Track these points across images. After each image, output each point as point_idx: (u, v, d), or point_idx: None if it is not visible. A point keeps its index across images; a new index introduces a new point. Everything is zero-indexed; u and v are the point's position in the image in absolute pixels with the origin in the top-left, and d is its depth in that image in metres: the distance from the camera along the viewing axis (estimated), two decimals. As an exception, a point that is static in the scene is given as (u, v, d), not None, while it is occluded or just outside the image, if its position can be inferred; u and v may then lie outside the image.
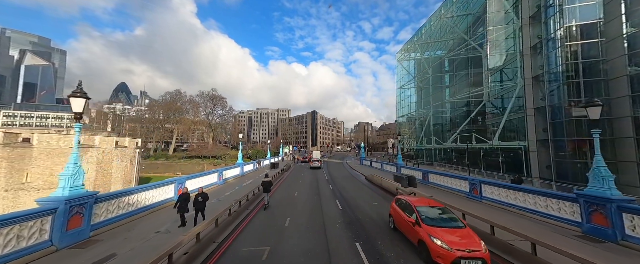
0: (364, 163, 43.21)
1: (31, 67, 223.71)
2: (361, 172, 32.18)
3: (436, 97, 49.00)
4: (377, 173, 28.97)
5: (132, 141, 40.54)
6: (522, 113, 28.40)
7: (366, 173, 29.77)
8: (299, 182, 24.03)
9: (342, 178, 27.06)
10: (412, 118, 56.50)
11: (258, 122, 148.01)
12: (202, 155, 78.84)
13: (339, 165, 44.83)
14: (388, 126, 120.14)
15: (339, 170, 36.13)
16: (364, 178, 26.82)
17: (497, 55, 33.04)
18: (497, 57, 33.14)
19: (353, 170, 35.83)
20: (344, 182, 24.24)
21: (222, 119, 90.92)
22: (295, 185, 22.25)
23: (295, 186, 21.19)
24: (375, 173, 28.48)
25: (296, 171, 34.00)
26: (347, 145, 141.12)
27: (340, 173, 32.00)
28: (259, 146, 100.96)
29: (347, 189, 20.11)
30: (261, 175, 27.86)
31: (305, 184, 22.69)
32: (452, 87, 46.81)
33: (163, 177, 64.77)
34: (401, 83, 56.84)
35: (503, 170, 30.34)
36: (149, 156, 78.86)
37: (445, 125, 48.64)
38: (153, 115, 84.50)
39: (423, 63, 50.12)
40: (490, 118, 36.08)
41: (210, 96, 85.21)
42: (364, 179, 26.36)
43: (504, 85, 31.84)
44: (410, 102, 56.95)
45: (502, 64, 32.73)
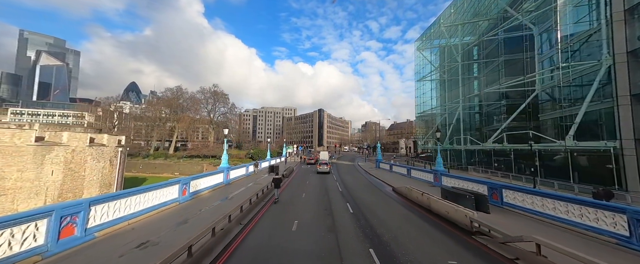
0: (382, 166, 35.44)
1: (46, 67, 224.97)
2: (382, 179, 24.46)
3: (465, 90, 40.76)
4: (404, 181, 21.25)
5: (112, 139, 33.56)
6: (610, 103, 20.13)
7: (392, 182, 22.06)
8: (302, 197, 16.50)
9: (361, 189, 19.43)
10: (433, 115, 48.29)
11: (263, 120, 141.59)
12: (203, 154, 72.55)
13: (351, 169, 37.13)
14: (399, 125, 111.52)
15: (353, 176, 28.46)
16: (392, 190, 19.13)
17: (562, 29, 24.70)
18: (562, 31, 24.80)
19: (370, 176, 28.15)
20: (365, 196, 16.63)
21: (224, 117, 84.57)
22: (296, 204, 14.68)
23: (296, 209, 13.53)
24: (403, 182, 20.76)
25: (299, 178, 26.52)
26: (354, 145, 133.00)
27: (356, 181, 24.34)
28: (263, 145, 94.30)
29: (376, 214, 12.39)
30: (255, 184, 21.02)
31: (310, 201, 15.15)
32: (484, 77, 38.53)
33: (160, 178, 58.47)
34: (421, 75, 48.69)
35: (575, 179, 22.10)
36: (148, 155, 73.34)
37: (473, 123, 40.34)
38: (154, 113, 78.96)
39: (452, 50, 41.89)
40: (546, 111, 27.72)
41: (212, 92, 78.95)
42: (392, 191, 18.71)
43: (572, 68, 23.49)
44: (433, 96, 48.77)
45: (568, 41, 24.38)
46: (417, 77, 49.09)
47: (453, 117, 42.39)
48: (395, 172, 29.55)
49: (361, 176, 28.37)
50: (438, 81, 47.71)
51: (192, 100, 77.33)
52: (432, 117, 48.70)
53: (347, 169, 36.24)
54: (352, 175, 29.53)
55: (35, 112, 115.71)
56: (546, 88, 27.52)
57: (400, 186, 18.11)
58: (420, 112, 49.04)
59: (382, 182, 22.99)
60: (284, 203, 14.50)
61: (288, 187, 20.20)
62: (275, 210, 12.98)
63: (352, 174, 30.19)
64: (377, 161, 37.11)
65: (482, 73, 39.26)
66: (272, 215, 12.22)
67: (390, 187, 20.02)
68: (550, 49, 27.53)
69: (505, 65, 32.88)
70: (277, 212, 12.63)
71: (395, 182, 21.59)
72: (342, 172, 31.91)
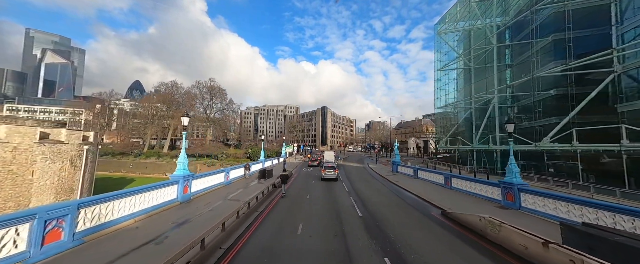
0: (401, 170, 28.12)
1: (51, 65, 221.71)
2: (414, 192, 17.08)
3: (493, 80, 33.18)
4: (448, 196, 13.94)
5: (74, 135, 26.42)
6: None
7: (433, 198, 14.73)
8: (298, 232, 9.29)
9: (392, 213, 11.95)
10: (457, 109, 40.71)
11: (265, 118, 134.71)
12: (198, 153, 65.95)
13: (363, 173, 29.81)
14: (406, 124, 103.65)
15: (370, 185, 21.03)
16: (441, 214, 11.78)
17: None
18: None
19: (392, 185, 20.81)
20: (407, 231, 9.34)
21: (222, 113, 77.84)
22: (282, 256, 7.47)
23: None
24: (447, 197, 13.45)
25: (298, 187, 19.23)
26: (359, 144, 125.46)
27: (378, 195, 16.74)
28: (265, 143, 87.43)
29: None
30: (233, 200, 14.02)
31: (312, 247, 7.95)
32: (516, 66, 31.11)
33: (150, 179, 51.88)
34: (442, 64, 41.16)
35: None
36: (140, 154, 67.05)
37: (495, 118, 32.58)
38: (147, 109, 72.71)
39: (484, 31, 34.29)
40: (631, 99, 20.11)
41: (208, 87, 72.28)
42: (440, 216, 11.41)
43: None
44: (456, 87, 41.21)
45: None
46: (438, 66, 41.55)
47: (480, 111, 34.87)
48: (423, 179, 22.15)
49: (381, 185, 20.93)
50: (463, 70, 40.13)
51: (187, 96, 70.69)
52: (455, 111, 41.10)
53: (358, 173, 28.93)
54: (367, 182, 22.15)
55: (32, 108, 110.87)
56: (632, 67, 19.91)
57: (454, 212, 10.80)
58: (440, 106, 41.47)
59: (418, 198, 15.62)
60: (264, 251, 7.37)
61: (279, 207, 12.99)
62: None
63: (368, 181, 22.81)
64: (394, 163, 29.77)
65: (516, 59, 31.72)
66: None
67: (437, 208, 12.69)
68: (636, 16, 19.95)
69: (556, 46, 25.33)
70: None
71: (437, 198, 14.34)
72: (353, 178, 24.60)
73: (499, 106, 31.77)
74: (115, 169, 63.01)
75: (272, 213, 11.69)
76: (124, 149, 70.59)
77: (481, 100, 33.71)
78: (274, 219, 10.78)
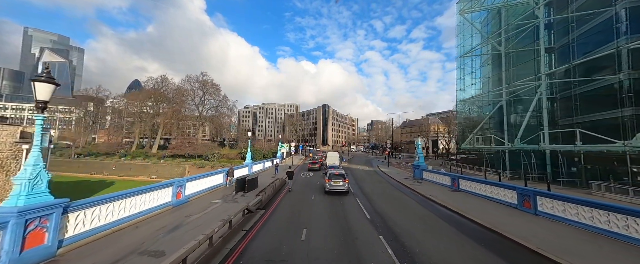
0: (426, 176, 21.28)
1: (48, 63, 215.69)
2: (483, 222, 10.28)
3: (538, 64, 26.45)
4: (541, 227, 7.08)
5: (4, 131, 19.50)
6: None
7: (527, 235, 7.99)
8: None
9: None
10: (481, 103, 33.91)
11: (264, 117, 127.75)
12: (188, 154, 59.16)
13: (378, 180, 22.85)
14: (411, 123, 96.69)
15: (401, 206, 13.66)
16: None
17: None
18: None
19: (432, 202, 13.87)
20: None
21: (216, 111, 71.03)
22: None
23: None
24: (535, 226, 6.65)
25: (288, 214, 12.23)
26: (361, 144, 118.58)
27: (424, 229, 9.70)
28: (259, 144, 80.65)
29: None
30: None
31: None
32: (564, 47, 24.35)
33: (133, 182, 45.45)
34: (465, 49, 34.33)
35: None
36: (126, 154, 60.46)
37: (543, 111, 25.69)
38: (133, 106, 66.23)
39: (521, 6, 27.48)
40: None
41: (200, 82, 65.52)
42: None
43: None
44: (481, 76, 34.41)
45: None
46: (460, 52, 34.72)
47: (515, 103, 28.11)
48: (470, 193, 15.30)
49: (416, 204, 13.58)
50: (490, 56, 33.35)
51: (177, 91, 63.89)
52: (480, 105, 34.26)
53: (373, 181, 21.95)
54: (392, 199, 14.81)
55: (20, 106, 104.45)
56: None
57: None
58: (463, 98, 34.58)
59: (471, 221, 8.84)
60: None
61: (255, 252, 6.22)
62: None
63: (392, 197, 15.46)
64: (417, 168, 22.92)
65: (560, 40, 24.99)
66: None
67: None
68: None
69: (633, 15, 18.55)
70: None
71: (536, 240, 7.58)
72: (369, 190, 17.53)
73: (547, 97, 24.90)
74: (97, 171, 56.61)
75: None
76: (110, 149, 63.81)
77: (520, 89, 26.82)
78: None
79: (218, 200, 12.69)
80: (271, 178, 18.88)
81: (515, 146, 25.16)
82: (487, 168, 30.55)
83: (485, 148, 31.19)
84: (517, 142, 25.16)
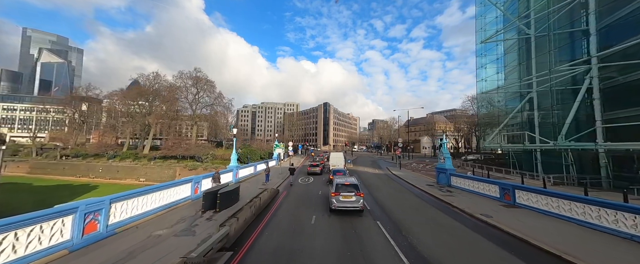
0: (456, 182, 16.61)
1: (47, 64, 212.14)
2: None
3: (562, 53, 21.88)
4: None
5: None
6: None
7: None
8: None
9: None
10: (510, 94, 29.16)
11: (263, 117, 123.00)
12: (180, 154, 54.49)
13: (396, 189, 18.02)
14: (416, 121, 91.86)
15: (440, 233, 9.04)
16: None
17: None
18: None
19: (490, 228, 9.18)
20: None
21: (211, 109, 66.35)
22: None
23: None
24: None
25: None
26: (364, 144, 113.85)
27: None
28: (256, 144, 76.01)
29: None
30: None
31: None
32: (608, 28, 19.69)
33: (118, 186, 41.59)
34: (486, 34, 29.61)
35: None
36: (115, 155, 56.02)
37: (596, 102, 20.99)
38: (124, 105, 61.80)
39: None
40: None
41: (193, 78, 60.84)
42: None
43: None
44: (503, 65, 29.72)
45: None
46: (480, 37, 30.00)
47: (549, 95, 23.42)
48: (544, 213, 10.63)
49: (482, 240, 8.17)
50: (517, 41, 28.67)
51: (169, 88, 59.23)
52: (504, 97, 29.53)
53: (390, 191, 17.17)
54: (439, 228, 9.46)
55: (12, 106, 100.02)
56: None
57: None
58: (484, 90, 29.85)
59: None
60: None
61: None
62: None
63: (437, 224, 9.95)
64: (443, 171, 18.20)
65: (603, 20, 20.31)
66: None
67: None
68: None
69: None
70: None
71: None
72: (390, 206, 12.61)
73: (598, 85, 20.10)
74: (83, 173, 52.29)
75: None
76: (99, 150, 59.28)
77: (561, 77, 22.08)
78: None
79: (166, 228, 8.04)
80: (260, 187, 14.27)
81: (559, 145, 20.41)
82: (514, 170, 25.90)
83: (514, 148, 26.44)
84: (561, 140, 20.43)
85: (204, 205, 10.36)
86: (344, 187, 10.78)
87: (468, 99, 57.36)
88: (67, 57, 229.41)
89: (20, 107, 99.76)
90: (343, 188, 10.72)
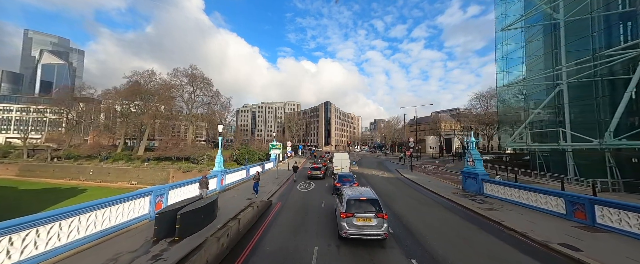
0: (492, 191, 13.24)
1: (48, 65, 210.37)
2: None
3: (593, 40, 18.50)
4: None
5: None
6: None
7: None
8: None
9: None
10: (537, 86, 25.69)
11: (263, 117, 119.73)
12: (175, 156, 51.34)
13: (418, 200, 14.47)
14: (420, 120, 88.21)
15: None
16: None
17: None
18: None
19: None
20: None
21: (207, 108, 63.15)
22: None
23: None
24: None
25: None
26: (366, 144, 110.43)
27: None
28: (255, 144, 72.72)
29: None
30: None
31: None
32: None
33: (106, 190, 39.27)
34: (507, 21, 26.18)
35: None
36: (106, 157, 52.97)
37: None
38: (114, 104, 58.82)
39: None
40: None
41: (189, 76, 57.67)
42: None
43: None
44: (526, 55, 26.26)
45: None
46: (501, 24, 26.57)
47: (583, 87, 20.05)
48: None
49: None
50: (542, 28, 25.23)
51: (163, 86, 56.06)
52: (528, 90, 26.07)
53: (412, 201, 13.68)
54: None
55: (8, 107, 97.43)
56: None
57: None
58: (506, 83, 26.39)
59: None
60: None
61: None
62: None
63: (499, 260, 7.42)
64: (473, 177, 14.83)
65: None
66: None
67: None
68: None
69: None
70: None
71: None
72: (421, 227, 9.21)
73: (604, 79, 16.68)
74: (74, 176, 49.32)
75: None
76: (92, 151, 56.24)
77: (607, 63, 18.62)
78: None
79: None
80: (248, 198, 10.96)
81: (606, 144, 16.95)
82: (539, 172, 22.45)
83: (543, 147, 22.97)
84: (609, 138, 16.98)
85: (157, 230, 7.06)
86: (359, 204, 7.43)
87: (475, 97, 53.98)
88: (68, 58, 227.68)
89: (15, 108, 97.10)
90: (357, 206, 7.38)
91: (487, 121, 47.49)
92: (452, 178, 23.11)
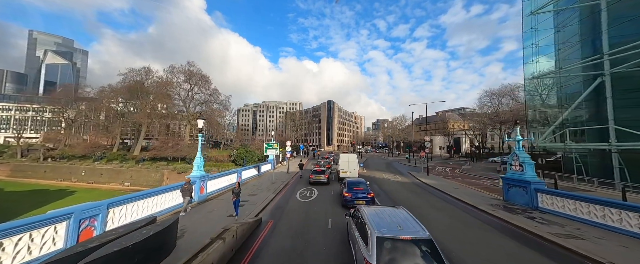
0: (551, 205, 9.98)
1: (52, 65, 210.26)
2: None
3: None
4: None
5: None
6: None
7: None
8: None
9: None
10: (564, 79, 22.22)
11: (265, 116, 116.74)
12: (171, 156, 48.59)
13: (458, 219, 11.30)
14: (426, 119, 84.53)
15: None
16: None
17: None
18: None
19: None
20: None
21: (206, 106, 60.25)
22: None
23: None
24: None
25: None
26: (369, 144, 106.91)
27: None
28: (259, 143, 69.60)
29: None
30: None
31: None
32: None
33: (97, 192, 36.44)
34: (539, 3, 22.74)
35: None
36: (101, 157, 50.42)
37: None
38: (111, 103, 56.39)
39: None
40: None
41: (186, 73, 54.79)
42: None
43: None
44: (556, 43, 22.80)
45: None
46: (530, 7, 23.12)
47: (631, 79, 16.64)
48: None
49: None
50: (579, 11, 21.77)
51: (158, 84, 53.23)
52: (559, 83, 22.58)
53: (447, 218, 10.35)
54: None
55: (6, 106, 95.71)
56: None
57: None
58: (535, 73, 22.92)
59: None
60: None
61: None
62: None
63: None
64: (521, 185, 11.55)
65: None
66: None
67: None
68: None
69: None
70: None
71: None
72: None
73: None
74: (65, 177, 46.82)
75: None
76: (87, 151, 53.61)
77: None
78: None
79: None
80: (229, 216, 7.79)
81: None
82: (578, 176, 18.99)
83: (585, 147, 19.51)
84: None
85: None
86: (398, 247, 4.14)
87: (485, 94, 50.54)
88: (72, 59, 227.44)
89: (15, 107, 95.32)
90: (396, 250, 4.11)
91: (502, 119, 43.99)
92: (477, 183, 19.79)
